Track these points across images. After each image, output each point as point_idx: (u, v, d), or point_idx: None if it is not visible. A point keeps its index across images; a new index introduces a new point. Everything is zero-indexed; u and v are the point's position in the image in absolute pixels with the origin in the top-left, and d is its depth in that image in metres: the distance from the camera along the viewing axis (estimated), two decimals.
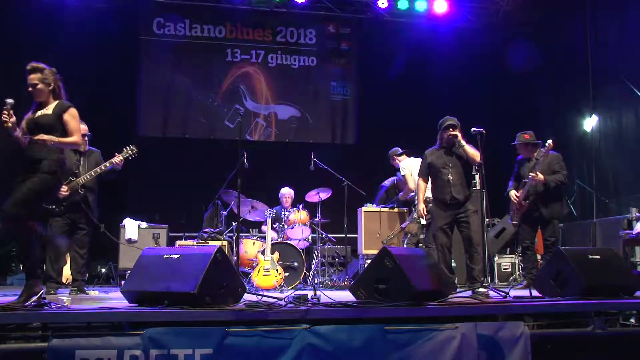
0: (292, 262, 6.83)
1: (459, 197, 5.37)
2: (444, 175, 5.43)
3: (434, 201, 5.55)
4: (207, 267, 3.57)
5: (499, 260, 7.87)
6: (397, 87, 10.22)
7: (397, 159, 7.30)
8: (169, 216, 8.25)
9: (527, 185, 6.17)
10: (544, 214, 6.18)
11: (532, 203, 6.20)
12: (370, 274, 4.09)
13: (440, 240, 5.40)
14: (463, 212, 5.37)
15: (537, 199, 6.19)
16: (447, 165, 5.45)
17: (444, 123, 5.50)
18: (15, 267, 9.04)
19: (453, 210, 5.39)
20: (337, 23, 10.50)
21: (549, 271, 4.53)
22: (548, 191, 6.16)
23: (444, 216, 5.41)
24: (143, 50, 9.81)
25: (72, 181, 5.58)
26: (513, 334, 3.64)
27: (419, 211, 5.71)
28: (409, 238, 6.77)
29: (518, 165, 6.51)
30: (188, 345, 3.28)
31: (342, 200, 7.48)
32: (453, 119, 5.50)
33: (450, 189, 5.37)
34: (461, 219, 5.37)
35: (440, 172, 5.46)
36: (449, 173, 5.40)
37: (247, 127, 9.98)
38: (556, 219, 6.29)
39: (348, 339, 3.46)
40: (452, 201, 5.37)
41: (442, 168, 5.46)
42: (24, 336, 3.29)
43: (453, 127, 5.42)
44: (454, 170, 5.42)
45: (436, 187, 5.53)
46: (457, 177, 5.42)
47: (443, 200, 5.41)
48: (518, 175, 6.48)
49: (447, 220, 5.39)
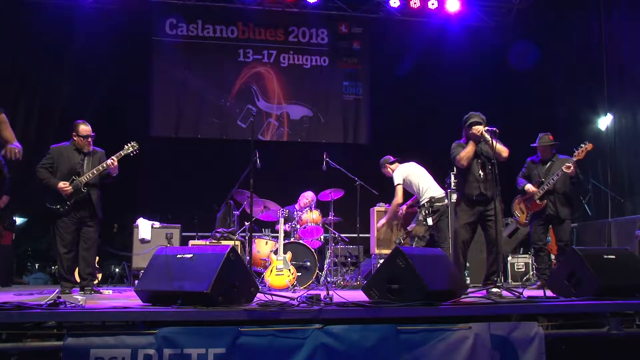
0: (305, 261, 6.82)
1: (487, 194, 5.27)
2: (474, 171, 5.31)
3: (461, 197, 5.37)
4: (220, 267, 3.58)
5: (513, 260, 7.82)
6: (409, 86, 10.20)
7: (389, 167, 6.97)
8: (182, 216, 8.28)
9: (549, 183, 6.15)
10: (560, 213, 6.17)
11: (550, 202, 6.18)
12: (383, 273, 4.07)
13: (462, 237, 5.26)
14: (490, 210, 5.25)
15: (555, 198, 6.17)
16: (477, 161, 5.33)
17: (469, 120, 5.38)
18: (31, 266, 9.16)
19: (480, 207, 5.28)
20: (349, 22, 10.50)
21: (563, 271, 4.48)
22: (569, 191, 6.18)
23: (470, 213, 5.27)
24: (155, 51, 9.89)
25: (75, 180, 5.63)
26: (527, 335, 3.60)
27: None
28: (416, 241, 6.66)
29: (528, 167, 6.50)
30: (201, 345, 3.29)
31: (355, 200, 7.47)
32: (478, 115, 5.40)
33: (479, 185, 5.26)
34: (488, 218, 5.26)
35: (471, 167, 5.33)
36: (479, 168, 5.30)
37: (259, 127, 10.01)
38: (570, 219, 6.28)
39: (361, 339, 3.45)
40: (479, 197, 5.25)
41: (474, 163, 5.32)
42: (40, 335, 3.31)
43: (478, 123, 5.32)
44: (484, 166, 5.31)
45: (465, 182, 5.36)
46: (486, 173, 5.30)
47: (470, 197, 5.28)
48: (528, 176, 6.46)
49: (473, 217, 5.25)
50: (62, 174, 5.66)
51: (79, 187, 5.63)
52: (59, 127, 8.67)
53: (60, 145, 5.82)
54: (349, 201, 7.67)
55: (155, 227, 7.65)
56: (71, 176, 5.66)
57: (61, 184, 5.56)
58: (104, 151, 5.94)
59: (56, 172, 5.67)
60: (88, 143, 5.77)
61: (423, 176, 6.68)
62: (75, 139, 5.76)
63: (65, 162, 5.69)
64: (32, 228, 9.05)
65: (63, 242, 5.60)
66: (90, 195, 5.69)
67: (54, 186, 5.56)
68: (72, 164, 5.70)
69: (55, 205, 5.60)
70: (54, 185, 5.57)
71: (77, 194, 5.62)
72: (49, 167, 5.68)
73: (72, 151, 5.76)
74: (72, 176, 5.65)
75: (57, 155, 5.72)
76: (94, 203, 5.71)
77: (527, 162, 6.55)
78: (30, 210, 8.65)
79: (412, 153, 7.24)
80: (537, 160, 6.47)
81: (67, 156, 5.72)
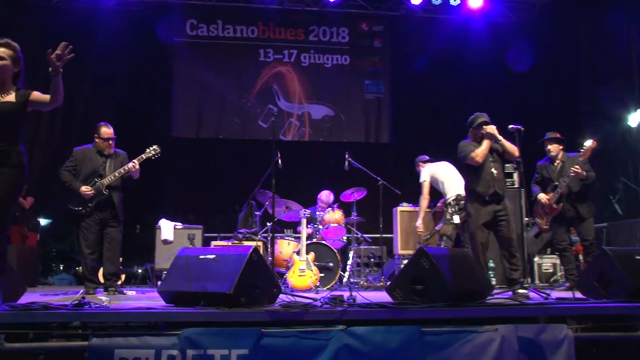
0: (327, 262, 6.82)
1: (501, 193, 5.22)
2: (488, 169, 5.24)
3: (473, 196, 5.31)
4: (242, 268, 3.60)
5: (539, 261, 7.70)
6: (432, 84, 10.12)
7: (421, 166, 7.16)
8: (204, 217, 8.34)
9: (561, 187, 6.09)
10: (581, 213, 6.13)
11: (566, 203, 6.14)
12: (407, 274, 4.05)
13: (480, 238, 5.19)
14: (502, 209, 5.20)
15: (571, 199, 6.13)
16: (489, 159, 5.27)
17: (475, 120, 5.34)
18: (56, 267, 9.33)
19: (493, 206, 5.21)
20: (370, 21, 10.47)
21: (592, 272, 4.41)
22: (583, 189, 6.12)
23: (485, 213, 5.19)
24: (176, 51, 9.98)
25: (97, 182, 5.71)
26: (556, 337, 3.55)
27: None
28: (444, 241, 6.60)
29: (539, 171, 6.47)
30: (224, 346, 3.30)
31: (377, 200, 7.44)
32: (484, 115, 5.35)
33: (494, 184, 5.20)
34: (500, 218, 5.19)
35: (485, 165, 5.25)
36: (492, 167, 5.23)
37: (280, 127, 10.04)
38: (592, 217, 6.21)
39: (385, 340, 3.43)
40: (493, 197, 5.19)
41: (487, 161, 5.26)
42: (65, 335, 3.38)
43: (486, 123, 5.28)
44: (496, 165, 5.26)
45: (478, 181, 5.27)
46: (499, 171, 5.27)
47: (484, 196, 5.20)
48: (541, 179, 6.43)
49: (488, 217, 5.18)
50: (85, 176, 5.74)
51: (100, 189, 5.71)
52: (82, 130, 8.79)
53: (83, 147, 5.91)
54: (371, 201, 7.65)
55: (178, 228, 7.70)
56: (93, 178, 5.74)
57: (83, 188, 5.65)
58: (126, 153, 6.01)
59: (79, 175, 5.75)
60: (109, 145, 5.85)
61: (450, 175, 6.65)
62: (97, 141, 5.84)
63: (88, 164, 5.78)
64: (56, 229, 9.22)
65: (87, 242, 5.68)
66: (112, 197, 5.77)
67: (77, 190, 5.65)
68: (95, 166, 5.79)
69: (77, 207, 5.69)
70: (76, 188, 5.66)
71: (99, 196, 5.70)
72: (71, 169, 5.77)
73: (95, 153, 5.84)
74: (95, 178, 5.74)
75: (80, 158, 5.81)
76: (115, 205, 5.78)
77: (538, 167, 6.52)
78: (55, 211, 8.80)
79: (437, 152, 7.19)
80: (547, 162, 6.43)
81: (90, 158, 5.80)
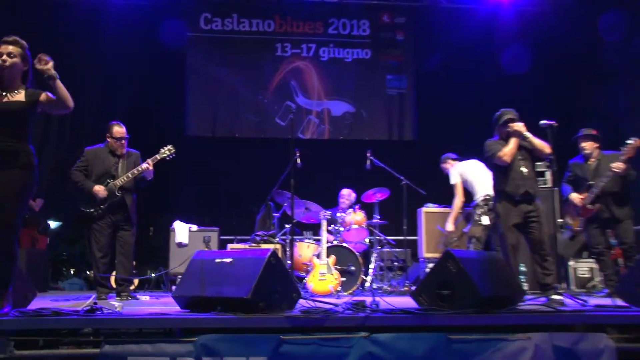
0: (349, 266, 6.79)
1: (532, 192, 5.17)
2: (517, 168, 5.20)
3: (502, 196, 5.27)
4: (260, 272, 3.60)
5: (575, 265, 7.55)
6: (457, 78, 10.00)
7: (449, 163, 7.15)
8: (220, 218, 8.36)
9: (597, 186, 5.98)
10: (617, 215, 6.03)
11: (603, 204, 6.05)
12: (433, 278, 4.02)
13: (510, 240, 5.14)
14: (534, 210, 5.15)
15: (608, 199, 6.04)
16: (518, 157, 5.23)
17: (501, 117, 5.31)
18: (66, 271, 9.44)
19: (524, 206, 5.15)
20: (392, 12, 10.41)
21: (633, 277, 4.33)
22: (621, 190, 6.02)
23: (515, 213, 5.15)
24: (190, 47, 10.02)
25: (110, 183, 5.74)
26: (595, 347, 3.47)
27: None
28: (473, 243, 6.54)
29: (572, 170, 6.39)
30: (242, 353, 3.30)
31: (401, 201, 7.39)
32: (510, 111, 5.32)
33: (524, 183, 5.16)
34: (532, 219, 5.13)
35: (513, 164, 5.22)
36: (522, 165, 5.20)
37: (299, 125, 10.02)
38: (630, 219, 6.09)
39: (410, 348, 3.40)
40: (523, 197, 5.14)
41: (516, 160, 5.23)
42: (76, 342, 3.39)
43: (512, 120, 5.24)
44: (526, 163, 5.23)
45: (507, 181, 5.24)
46: (530, 170, 5.24)
47: (514, 195, 5.16)
48: (573, 180, 6.35)
49: (518, 218, 5.13)
50: (97, 177, 5.77)
51: (113, 190, 5.73)
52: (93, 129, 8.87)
53: (94, 147, 5.95)
54: (394, 202, 7.60)
55: (193, 231, 7.73)
56: (106, 179, 5.77)
57: (96, 187, 5.67)
58: (139, 153, 6.04)
59: (91, 176, 5.78)
60: (122, 145, 5.87)
61: (479, 174, 6.60)
62: (109, 140, 5.86)
63: (100, 164, 5.81)
64: (66, 232, 9.32)
65: (98, 245, 5.69)
66: (125, 200, 5.79)
67: (89, 189, 5.68)
68: (107, 166, 5.81)
69: (88, 208, 5.71)
70: (88, 188, 5.69)
71: (111, 197, 5.73)
72: (83, 169, 5.81)
73: (107, 153, 5.87)
74: (107, 179, 5.76)
75: (92, 158, 5.84)
76: (128, 207, 5.80)
77: (570, 165, 6.42)
78: (65, 213, 8.90)
79: (464, 149, 7.13)
80: (580, 160, 6.33)
81: (102, 159, 5.83)
